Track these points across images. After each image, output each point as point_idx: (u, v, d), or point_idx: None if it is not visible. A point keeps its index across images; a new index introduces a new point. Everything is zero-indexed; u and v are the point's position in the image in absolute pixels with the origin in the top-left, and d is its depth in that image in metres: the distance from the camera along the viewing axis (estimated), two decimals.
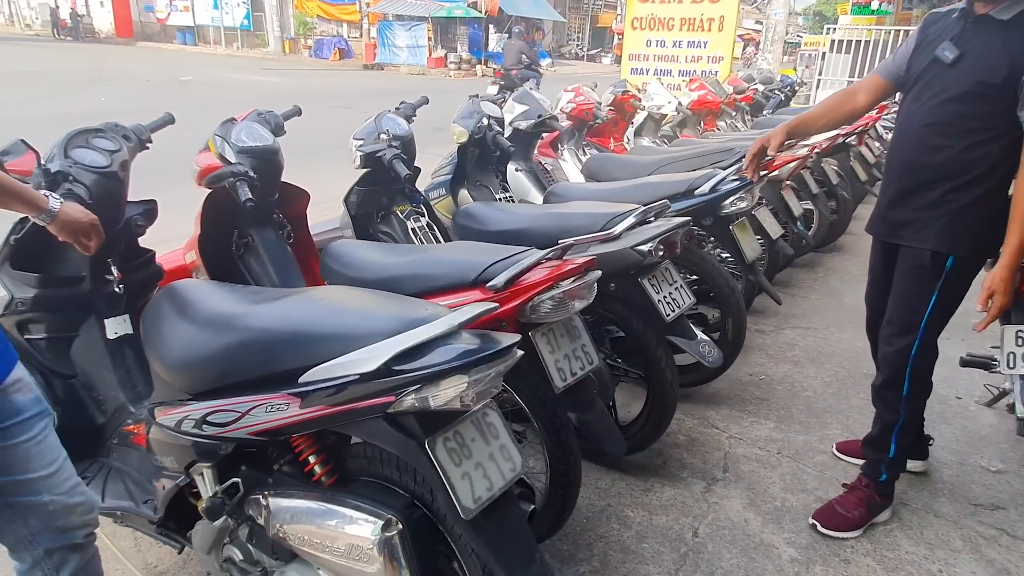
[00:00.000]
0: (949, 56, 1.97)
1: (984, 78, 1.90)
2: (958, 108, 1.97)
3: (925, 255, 2.09)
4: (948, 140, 2.00)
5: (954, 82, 1.97)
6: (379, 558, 1.34)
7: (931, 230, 2.08)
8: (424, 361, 1.28)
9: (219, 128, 2.31)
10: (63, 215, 1.59)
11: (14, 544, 1.40)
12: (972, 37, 1.95)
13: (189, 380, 1.53)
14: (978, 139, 1.95)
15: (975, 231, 2.04)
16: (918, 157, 2.08)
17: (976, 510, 2.49)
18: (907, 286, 2.16)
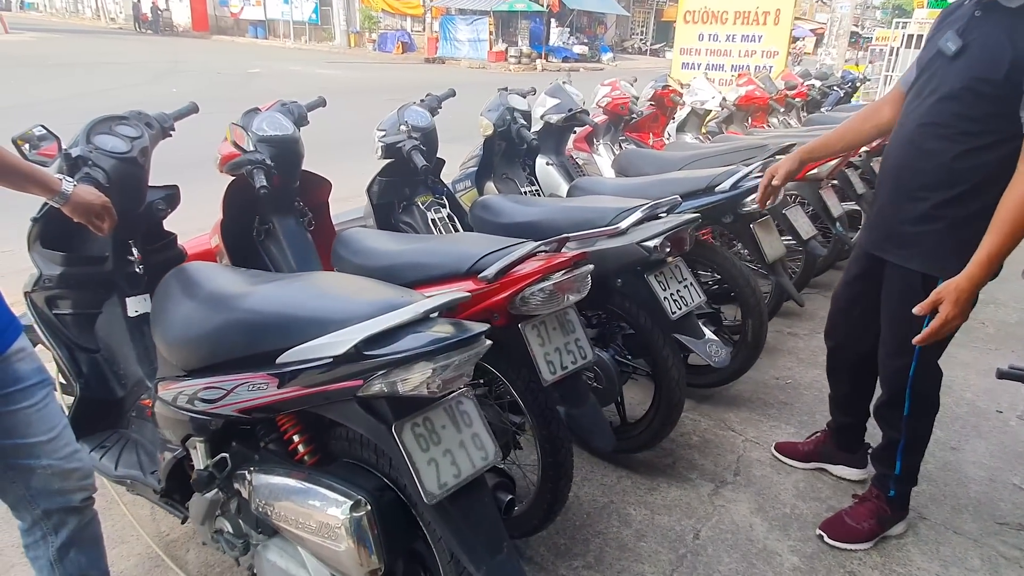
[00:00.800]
0: (951, 48, 1.81)
1: (984, 72, 1.74)
2: (954, 107, 1.82)
3: (915, 278, 1.96)
4: (941, 144, 1.85)
5: (953, 77, 1.81)
6: (347, 537, 1.37)
7: (919, 249, 1.94)
8: (393, 347, 1.31)
9: (241, 118, 2.39)
10: (76, 197, 1.68)
11: (15, 503, 1.50)
12: (978, 27, 1.78)
13: (184, 357, 1.61)
14: (974, 145, 1.79)
15: (966, 253, 1.84)
16: (910, 161, 1.93)
17: (1001, 529, 2.37)
18: (898, 307, 2.02)
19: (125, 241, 2.12)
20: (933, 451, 2.80)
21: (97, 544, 1.65)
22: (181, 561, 2.10)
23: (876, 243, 2.09)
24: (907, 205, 1.94)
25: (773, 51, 6.93)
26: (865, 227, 2.19)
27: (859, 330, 2.26)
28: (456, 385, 1.40)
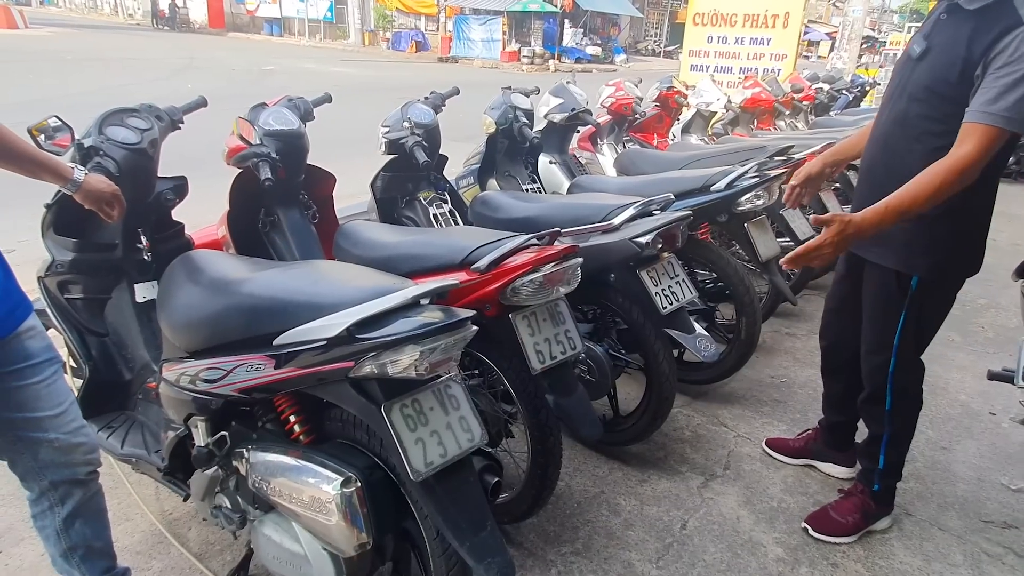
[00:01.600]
0: (917, 50, 1.86)
1: (943, 74, 1.78)
2: (919, 107, 1.86)
3: (890, 275, 2.01)
4: (909, 143, 1.89)
5: (918, 78, 1.86)
6: (337, 512, 1.44)
7: (893, 247, 1.98)
8: (383, 330, 1.37)
9: (248, 112, 2.47)
10: (87, 185, 1.76)
11: (24, 474, 1.58)
12: (942, 30, 1.83)
13: (187, 339, 1.68)
14: (939, 144, 1.79)
15: (937, 252, 1.91)
16: (882, 161, 1.98)
17: (986, 527, 2.40)
18: (875, 305, 2.09)
19: (134, 229, 2.20)
20: (923, 450, 2.85)
21: (101, 516, 1.72)
22: (183, 538, 2.18)
23: (856, 243, 2.13)
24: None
25: (782, 54, 6.96)
26: None
27: (849, 329, 2.30)
28: (444, 369, 1.46)
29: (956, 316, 4.38)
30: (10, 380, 1.47)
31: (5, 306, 1.43)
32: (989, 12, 1.73)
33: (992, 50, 1.69)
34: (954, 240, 1.94)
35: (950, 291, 2.08)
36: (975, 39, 1.72)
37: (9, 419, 1.49)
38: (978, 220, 1.98)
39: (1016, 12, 1.68)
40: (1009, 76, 1.66)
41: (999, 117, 1.67)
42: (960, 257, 2.00)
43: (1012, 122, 1.67)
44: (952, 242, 1.94)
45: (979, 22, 1.73)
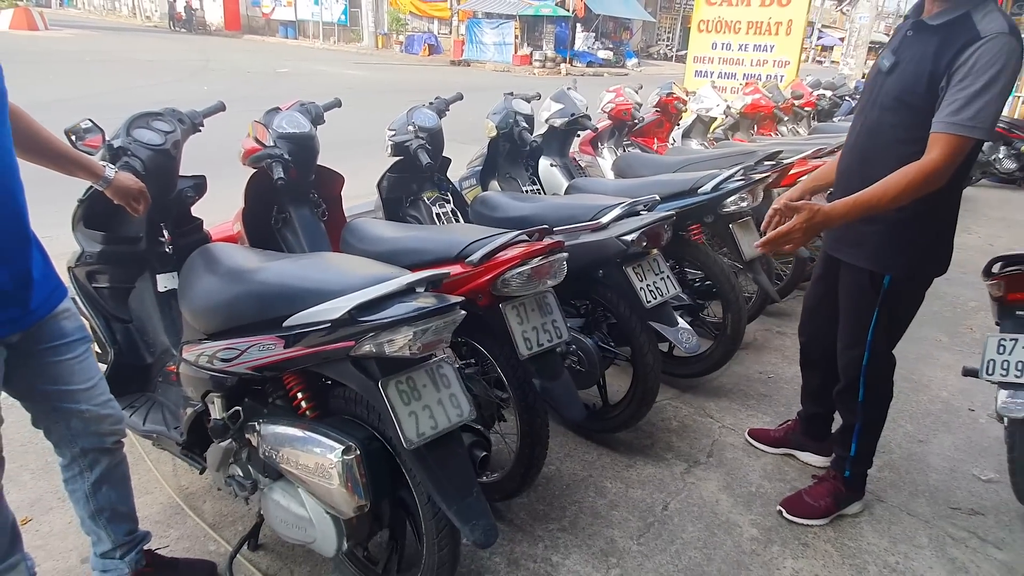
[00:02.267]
0: (886, 64, 2.01)
1: (911, 86, 1.92)
2: (889, 117, 2.00)
3: (863, 274, 2.14)
4: (880, 152, 2.02)
5: (888, 90, 2.00)
6: (337, 477, 1.61)
7: (866, 248, 2.11)
8: (381, 313, 1.55)
9: (263, 116, 2.64)
10: (116, 182, 1.94)
11: (58, 441, 1.76)
12: (909, 46, 1.97)
13: (205, 322, 1.86)
14: (908, 152, 1.91)
15: (909, 252, 2.06)
16: (856, 168, 2.10)
17: (953, 513, 2.54)
18: (850, 302, 2.24)
19: (157, 224, 2.38)
20: (901, 443, 2.98)
21: (125, 483, 1.90)
22: (199, 510, 2.35)
23: (832, 244, 2.29)
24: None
25: (784, 60, 7.08)
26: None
27: (825, 326, 2.43)
28: (436, 349, 1.63)
29: (946, 317, 4.52)
30: (48, 356, 1.64)
31: (45, 289, 1.61)
32: (951, 28, 1.88)
33: (955, 63, 1.83)
34: (923, 242, 2.09)
35: (920, 290, 2.22)
36: (940, 53, 1.87)
37: (45, 391, 1.67)
38: (945, 223, 2.13)
39: (975, 28, 1.83)
40: (970, 87, 1.80)
41: (963, 127, 1.81)
42: (929, 258, 2.14)
43: (976, 130, 1.82)
44: (921, 244, 2.09)
45: (943, 37, 1.88)
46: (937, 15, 1.92)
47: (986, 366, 2.34)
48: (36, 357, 1.63)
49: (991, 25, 1.81)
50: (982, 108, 1.79)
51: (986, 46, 1.79)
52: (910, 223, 2.03)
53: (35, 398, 1.69)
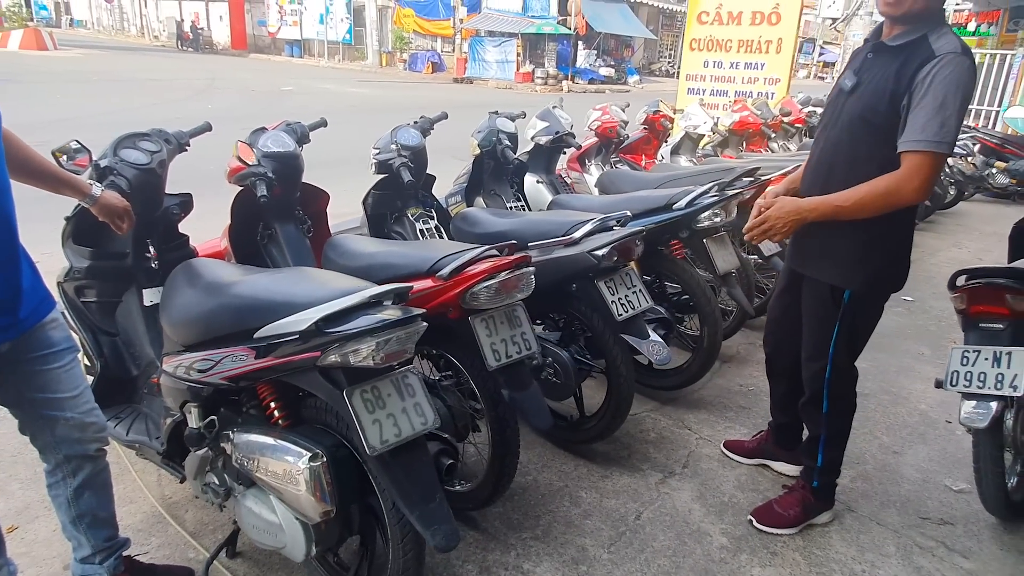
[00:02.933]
0: (848, 84, 2.09)
1: (872, 105, 2.00)
2: (850, 136, 2.08)
3: (825, 288, 2.21)
4: (841, 170, 2.10)
5: (850, 109, 2.08)
6: (304, 483, 1.67)
7: (828, 263, 2.19)
8: (346, 325, 1.62)
9: (248, 135, 2.73)
10: (103, 200, 2.02)
11: (43, 447, 1.83)
12: (870, 67, 2.06)
13: (183, 334, 1.93)
14: (869, 169, 1.99)
15: (868, 268, 2.13)
16: (818, 184, 2.17)
17: (923, 523, 2.57)
18: (812, 315, 2.30)
19: (143, 240, 2.46)
20: (875, 454, 3.02)
21: (107, 489, 1.96)
22: (180, 519, 2.41)
23: (795, 259, 2.36)
24: (816, 225, 2.14)
25: (775, 78, 7.19)
26: (788, 245, 2.44)
27: (789, 337, 2.49)
28: (400, 359, 1.70)
29: (931, 331, 4.56)
30: (35, 364, 1.71)
31: (34, 300, 1.68)
32: (909, 48, 1.98)
33: (913, 82, 1.93)
34: (881, 258, 2.16)
35: (878, 303, 2.29)
36: (901, 72, 1.96)
37: (33, 399, 1.74)
38: (902, 241, 2.22)
39: (931, 47, 1.93)
40: (929, 105, 1.89)
41: (929, 142, 1.90)
42: (886, 274, 2.22)
43: (941, 145, 1.90)
44: (879, 260, 2.16)
45: (903, 58, 1.97)
46: (896, 37, 2.02)
47: (950, 377, 2.39)
48: (25, 365, 1.70)
49: (946, 45, 1.91)
50: (943, 124, 1.88)
51: (941, 64, 1.89)
52: (869, 241, 2.11)
53: (23, 405, 1.76)
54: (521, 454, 2.78)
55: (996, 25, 15.15)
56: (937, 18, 1.99)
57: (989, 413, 2.30)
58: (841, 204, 2.02)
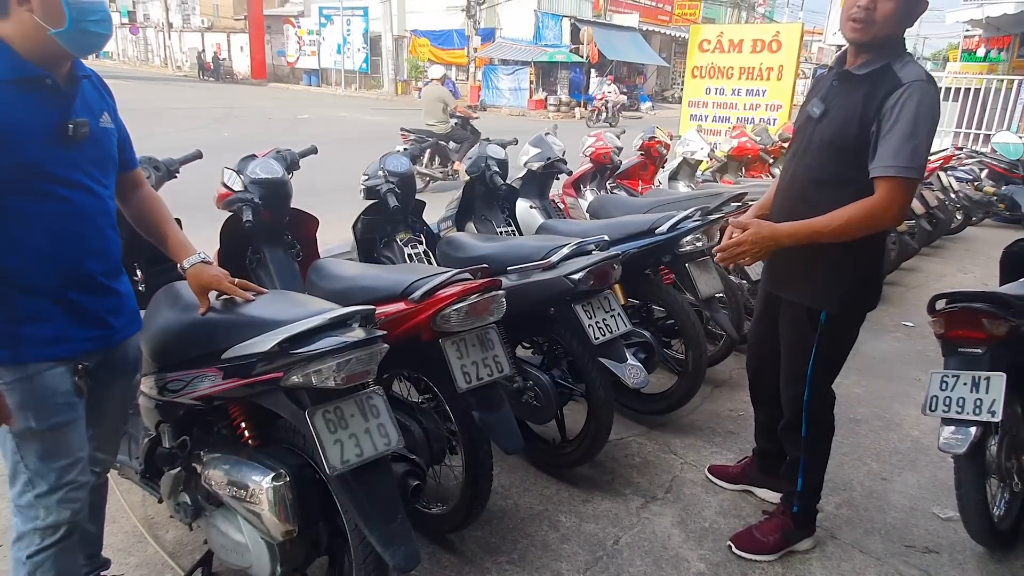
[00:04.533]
0: (816, 112, 2.13)
1: (841, 132, 2.04)
2: (820, 162, 2.11)
3: (801, 311, 2.23)
4: (813, 195, 2.12)
5: (819, 136, 2.11)
6: (266, 502, 1.70)
7: (804, 286, 2.21)
8: (309, 346, 1.65)
9: (237, 163, 2.81)
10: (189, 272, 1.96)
11: None
12: (837, 94, 2.10)
13: (159, 355, 1.98)
14: (841, 193, 2.02)
15: (843, 290, 2.15)
16: (791, 210, 2.18)
17: (907, 551, 2.54)
18: (790, 338, 2.31)
19: (131, 263, 2.52)
20: (863, 480, 2.99)
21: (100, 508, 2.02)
22: (160, 539, 2.44)
23: (771, 282, 2.38)
24: (793, 249, 2.15)
25: (777, 104, 7.23)
26: (764, 269, 2.46)
27: (770, 361, 2.49)
28: (363, 379, 1.73)
29: (929, 357, 4.50)
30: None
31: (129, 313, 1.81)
32: (875, 76, 2.02)
33: (882, 108, 1.97)
34: (854, 280, 2.18)
35: (854, 325, 2.30)
36: (868, 100, 2.00)
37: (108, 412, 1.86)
38: (874, 262, 2.24)
39: (896, 76, 1.98)
40: (900, 132, 1.94)
41: (900, 168, 1.94)
42: (860, 295, 2.24)
43: (912, 171, 1.95)
44: (852, 282, 2.18)
45: (869, 86, 2.02)
46: (861, 66, 2.06)
47: (929, 402, 2.38)
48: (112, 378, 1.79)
49: (910, 74, 1.97)
50: (914, 151, 1.93)
51: (909, 92, 1.94)
52: (842, 262, 2.14)
53: (103, 423, 1.85)
54: (503, 477, 2.83)
55: (1007, 51, 15.16)
56: (899, 48, 2.04)
57: (968, 439, 2.28)
58: (820, 229, 2.04)
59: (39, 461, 1.62)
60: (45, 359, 1.59)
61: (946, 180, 6.86)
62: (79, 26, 1.47)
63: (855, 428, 3.44)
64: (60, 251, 1.58)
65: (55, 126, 1.53)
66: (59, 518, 1.66)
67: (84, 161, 1.60)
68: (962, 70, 14.60)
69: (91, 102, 1.66)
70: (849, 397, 3.78)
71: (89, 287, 1.65)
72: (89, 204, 1.62)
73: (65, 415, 1.63)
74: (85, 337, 1.65)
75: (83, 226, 1.62)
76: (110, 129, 1.71)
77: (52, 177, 1.54)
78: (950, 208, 7.07)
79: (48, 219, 1.55)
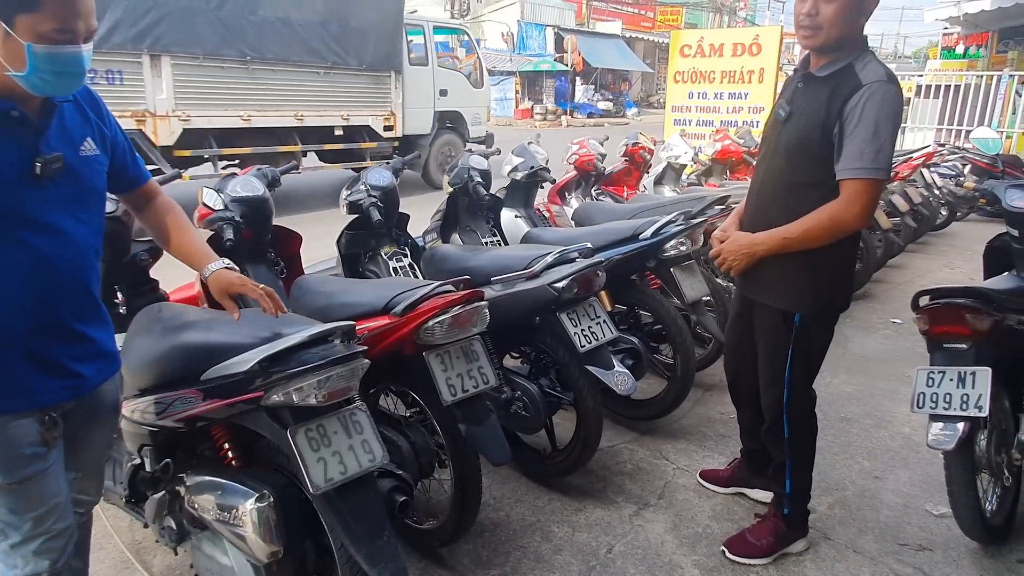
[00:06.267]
0: (782, 114, 2.16)
1: (807, 133, 2.06)
2: (788, 164, 2.13)
3: (776, 313, 2.23)
4: (782, 197, 2.14)
5: (786, 138, 2.13)
6: (251, 524, 1.68)
7: (777, 288, 2.22)
8: (288, 365, 1.64)
9: (218, 181, 2.80)
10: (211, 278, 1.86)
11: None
12: (801, 96, 2.13)
13: (140, 378, 1.96)
14: (810, 195, 2.05)
15: (816, 291, 2.17)
16: (761, 214, 2.21)
17: (901, 549, 2.53)
18: (767, 341, 2.31)
19: (111, 286, 2.51)
20: (855, 479, 2.98)
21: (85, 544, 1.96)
22: (148, 565, 2.41)
23: (745, 286, 2.39)
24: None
25: (759, 107, 7.27)
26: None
27: (748, 362, 2.49)
28: (344, 396, 1.72)
29: (918, 353, 4.45)
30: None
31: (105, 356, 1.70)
32: (836, 77, 2.04)
33: (844, 111, 1.98)
34: (827, 280, 2.19)
35: (828, 326, 2.31)
36: (831, 101, 2.02)
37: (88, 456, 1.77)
38: (846, 262, 2.26)
39: (857, 77, 1.99)
40: (863, 134, 1.95)
41: (866, 169, 1.96)
42: (832, 296, 2.25)
43: (878, 171, 1.97)
44: (825, 283, 2.20)
45: (831, 87, 2.03)
46: (823, 67, 2.08)
47: (916, 399, 2.38)
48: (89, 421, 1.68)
49: (871, 74, 1.97)
50: (879, 151, 1.95)
51: (870, 93, 1.95)
52: (815, 264, 2.14)
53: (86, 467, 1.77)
54: (494, 489, 2.82)
55: (986, 47, 15.32)
56: (860, 46, 2.06)
57: (956, 435, 2.28)
58: (788, 236, 2.08)
59: (10, 514, 1.52)
60: (6, 412, 1.46)
61: (929, 177, 6.92)
62: (41, 75, 1.34)
63: (846, 427, 3.44)
64: (30, 301, 1.45)
65: (21, 165, 1.38)
66: (37, 567, 1.59)
67: (59, 199, 1.46)
68: (942, 67, 14.74)
69: (71, 129, 1.51)
70: (839, 396, 3.79)
71: (59, 336, 1.53)
72: (66, 246, 1.49)
73: (33, 467, 1.51)
74: (51, 388, 1.53)
75: (58, 272, 1.48)
76: (93, 157, 1.55)
77: (22, 220, 1.40)
78: (934, 204, 7.12)
79: (18, 267, 1.42)
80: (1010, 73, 11.06)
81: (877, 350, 4.49)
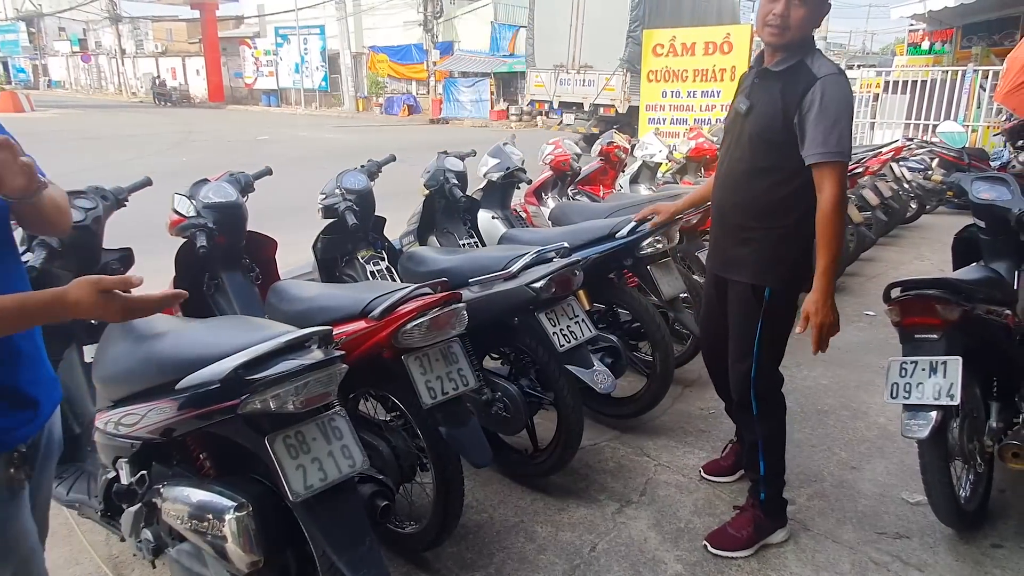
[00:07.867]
0: (743, 108, 2.26)
1: (766, 124, 2.18)
2: (751, 153, 2.24)
3: (746, 288, 2.33)
4: (747, 183, 2.27)
5: (747, 130, 2.25)
6: (230, 533, 1.65)
7: (747, 265, 2.32)
8: (264, 371, 1.62)
9: (189, 188, 2.76)
10: None
11: None
12: (758, 90, 2.24)
13: (112, 390, 1.93)
14: (772, 180, 2.23)
15: (783, 267, 2.29)
16: (728, 199, 2.35)
17: (879, 538, 2.57)
18: (737, 315, 2.39)
19: None
20: (833, 471, 3.02)
21: None
22: None
23: (717, 266, 2.48)
24: (731, 233, 2.36)
25: None
26: (708, 255, 2.59)
27: (719, 345, 2.53)
28: (322, 402, 1.70)
29: (892, 344, 4.48)
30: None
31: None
32: (791, 72, 2.17)
33: (802, 102, 2.12)
34: (791, 258, 2.31)
35: (791, 303, 2.40)
36: (786, 93, 2.15)
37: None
38: (807, 243, 2.34)
39: (810, 71, 2.14)
40: (824, 122, 2.10)
41: (833, 153, 2.11)
42: (796, 273, 2.34)
43: (843, 154, 2.13)
44: (790, 260, 2.31)
45: (785, 81, 2.16)
46: (777, 63, 2.20)
47: (890, 389, 2.43)
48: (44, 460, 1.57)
49: (823, 69, 2.13)
50: (840, 137, 2.10)
51: (826, 85, 2.09)
52: (781, 239, 2.28)
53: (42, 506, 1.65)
54: (477, 491, 2.81)
55: (950, 43, 15.64)
56: (809, 45, 2.20)
57: (929, 423, 2.33)
58: (824, 262, 2.18)
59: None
60: None
61: (899, 171, 7.04)
62: None
63: (823, 419, 3.48)
64: None
65: None
66: None
67: None
68: (909, 63, 15.01)
69: None
70: (815, 388, 3.84)
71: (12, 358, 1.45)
72: None
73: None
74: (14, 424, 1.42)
75: None
76: None
77: None
78: (904, 198, 7.25)
79: None
80: (974, 68, 11.28)
81: (852, 342, 4.55)
